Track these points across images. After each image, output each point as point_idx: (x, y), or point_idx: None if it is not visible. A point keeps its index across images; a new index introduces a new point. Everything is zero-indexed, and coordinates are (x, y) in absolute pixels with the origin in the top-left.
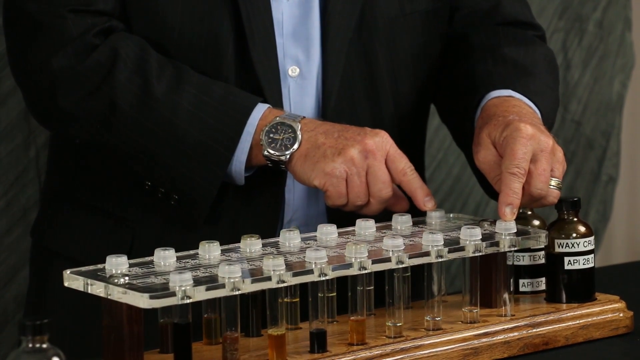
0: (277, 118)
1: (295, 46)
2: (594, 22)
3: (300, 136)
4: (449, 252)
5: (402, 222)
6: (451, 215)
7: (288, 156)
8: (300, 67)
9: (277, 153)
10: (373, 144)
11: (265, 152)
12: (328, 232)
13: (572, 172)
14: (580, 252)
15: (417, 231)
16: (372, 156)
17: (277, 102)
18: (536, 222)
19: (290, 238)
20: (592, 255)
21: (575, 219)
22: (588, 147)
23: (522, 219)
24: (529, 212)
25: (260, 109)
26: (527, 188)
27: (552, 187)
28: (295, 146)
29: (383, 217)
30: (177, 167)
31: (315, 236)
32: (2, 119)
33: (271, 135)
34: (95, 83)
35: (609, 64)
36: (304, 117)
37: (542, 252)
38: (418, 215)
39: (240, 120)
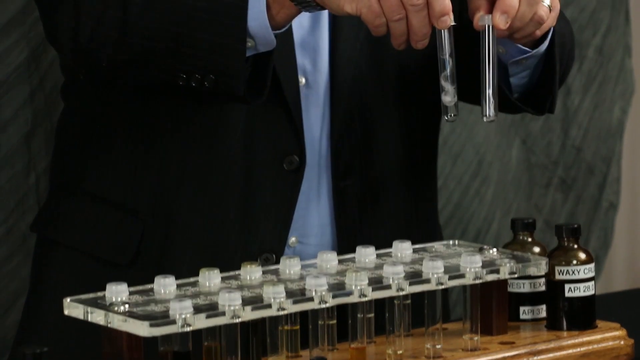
0: None
1: (303, 56)
2: (594, 48)
3: None
4: (450, 279)
5: (402, 249)
6: (451, 242)
7: None
8: (306, 76)
9: None
10: None
11: None
12: (328, 259)
13: (572, 199)
14: (580, 280)
15: (418, 258)
16: None
17: None
18: (536, 249)
19: (290, 265)
20: (593, 282)
21: (576, 246)
22: (589, 173)
23: (522, 245)
24: (529, 240)
25: None
26: None
27: (544, 3)
28: None
29: (383, 243)
30: (201, 39)
31: (315, 263)
32: (3, 146)
33: None
34: None
35: (609, 90)
36: None
37: (543, 279)
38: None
39: None
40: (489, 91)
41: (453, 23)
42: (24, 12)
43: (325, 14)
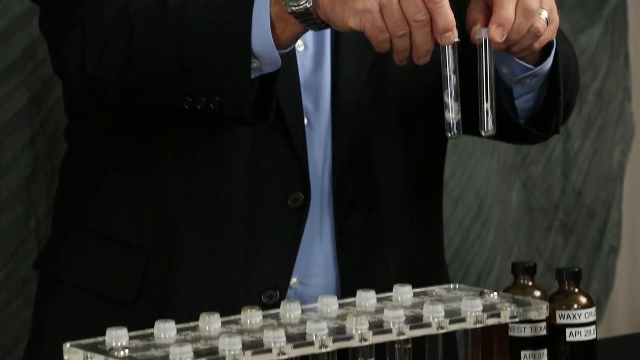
0: None
1: (305, 97)
2: (594, 92)
3: None
4: (450, 323)
5: (402, 293)
6: (451, 285)
7: (310, 1)
8: (308, 117)
9: (298, 3)
10: None
11: (289, 9)
12: (328, 303)
13: (573, 242)
14: (581, 324)
15: (418, 302)
16: None
17: None
18: (537, 293)
19: (290, 309)
20: (594, 326)
21: (577, 290)
22: (589, 217)
23: (523, 289)
24: (530, 283)
25: None
26: (519, 4)
27: (540, 16)
28: None
29: (387, 284)
30: (206, 60)
31: (316, 307)
32: (3, 190)
33: None
34: (114, 19)
35: (609, 133)
36: None
37: (544, 323)
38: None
39: None
40: (487, 105)
41: (457, 39)
42: (25, 57)
43: (327, 54)
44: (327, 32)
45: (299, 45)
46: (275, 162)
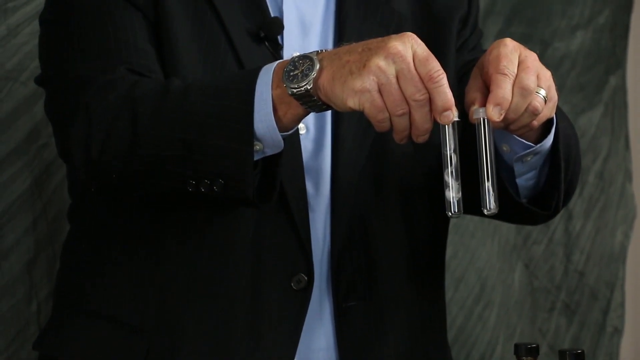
0: (295, 57)
1: (307, 179)
2: (595, 174)
3: (317, 61)
4: None
5: None
6: None
7: (311, 83)
8: (309, 199)
9: (299, 85)
10: (397, 46)
11: (290, 91)
12: None
13: (576, 324)
14: None
15: None
16: (399, 59)
17: None
18: None
19: None
20: None
21: None
22: (592, 298)
23: None
24: None
25: (275, 62)
26: (516, 83)
27: (538, 94)
28: (314, 72)
29: None
30: (209, 144)
31: None
32: (5, 273)
33: (291, 73)
34: (118, 105)
35: (610, 214)
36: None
37: None
38: None
39: (253, 73)
40: (488, 184)
41: (456, 119)
42: (28, 141)
43: (328, 137)
44: (328, 115)
45: (301, 128)
46: (278, 244)
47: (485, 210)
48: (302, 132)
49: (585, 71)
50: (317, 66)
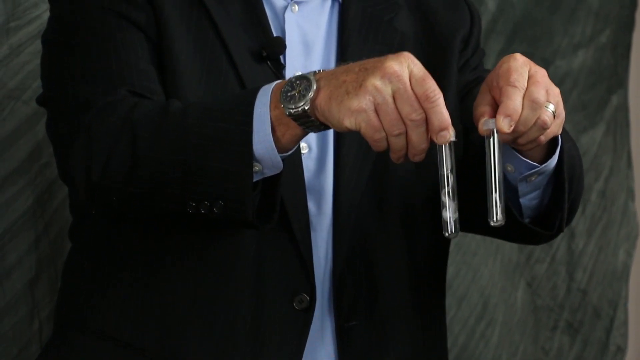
0: (293, 78)
1: (309, 199)
2: (597, 192)
3: (314, 82)
4: None
5: None
6: None
7: (308, 104)
8: (311, 219)
9: (296, 105)
10: (393, 66)
11: (287, 112)
12: None
13: (579, 342)
14: None
15: None
16: (395, 79)
17: None
18: None
19: None
20: None
21: None
22: (595, 317)
23: None
24: None
25: (274, 83)
26: (527, 96)
27: (547, 109)
28: (311, 93)
29: None
30: (209, 165)
31: None
32: (7, 292)
33: (288, 94)
34: (118, 127)
35: (613, 233)
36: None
37: None
38: None
39: (251, 93)
40: (495, 195)
41: (453, 139)
42: (30, 160)
43: (330, 157)
44: (330, 135)
45: (303, 147)
46: (280, 264)
47: (491, 222)
48: (304, 151)
49: (587, 90)
50: (314, 86)
